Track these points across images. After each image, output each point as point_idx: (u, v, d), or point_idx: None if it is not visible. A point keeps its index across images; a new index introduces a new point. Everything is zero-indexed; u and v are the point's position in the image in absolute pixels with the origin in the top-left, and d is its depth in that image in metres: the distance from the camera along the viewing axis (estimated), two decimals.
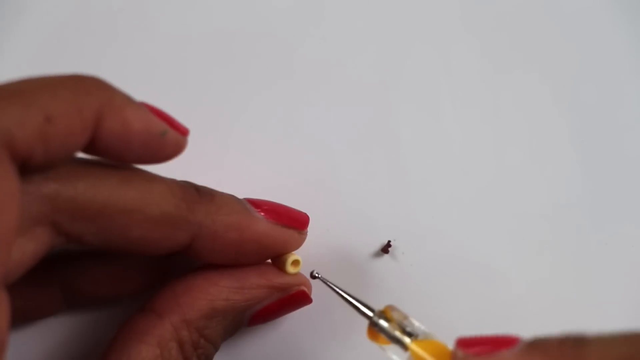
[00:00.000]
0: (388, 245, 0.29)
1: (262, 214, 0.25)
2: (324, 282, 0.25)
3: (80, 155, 0.22)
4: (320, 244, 0.27)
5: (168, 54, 0.30)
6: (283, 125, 0.30)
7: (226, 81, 0.30)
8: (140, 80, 0.29)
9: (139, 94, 0.22)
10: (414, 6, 0.31)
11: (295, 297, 0.26)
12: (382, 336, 0.23)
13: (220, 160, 0.28)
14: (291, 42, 0.31)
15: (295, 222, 0.25)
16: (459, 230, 0.29)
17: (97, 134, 0.20)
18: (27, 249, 0.20)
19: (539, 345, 0.20)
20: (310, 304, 0.27)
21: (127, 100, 0.21)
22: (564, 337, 0.19)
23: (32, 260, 0.20)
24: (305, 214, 0.26)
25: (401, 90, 0.31)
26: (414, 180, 0.30)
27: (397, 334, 0.23)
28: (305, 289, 0.26)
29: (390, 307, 0.24)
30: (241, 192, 0.25)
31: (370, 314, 0.23)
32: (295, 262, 0.26)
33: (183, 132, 0.23)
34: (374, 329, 0.23)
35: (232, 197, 0.25)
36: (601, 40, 0.32)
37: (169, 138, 0.22)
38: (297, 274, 0.26)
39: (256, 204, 0.25)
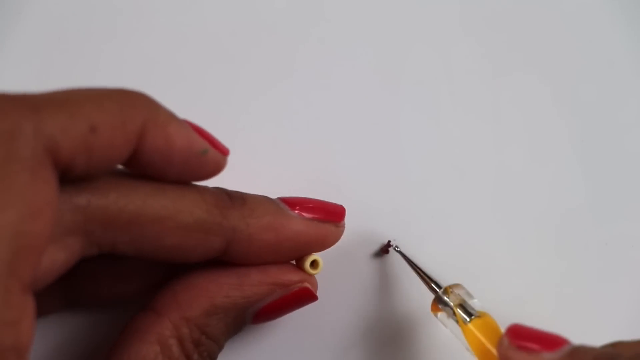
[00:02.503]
0: (388, 245, 0.29)
1: (297, 212, 0.24)
2: (401, 254, 0.28)
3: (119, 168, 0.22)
4: None
5: (168, 55, 0.30)
6: (283, 126, 0.30)
7: (225, 82, 0.30)
8: (140, 81, 0.29)
9: None
10: (414, 7, 0.31)
11: (299, 295, 0.25)
12: (444, 311, 0.26)
13: None
14: (291, 42, 0.31)
15: (331, 215, 0.25)
16: (458, 230, 0.29)
17: (140, 148, 0.20)
18: (57, 257, 0.20)
19: (577, 355, 0.20)
20: (317, 302, 0.26)
21: (171, 116, 0.21)
22: (601, 353, 0.20)
23: (62, 270, 0.20)
24: (341, 205, 0.26)
25: (401, 91, 0.31)
26: (414, 180, 0.30)
27: (458, 311, 0.25)
28: (309, 286, 0.25)
29: (457, 286, 0.26)
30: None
31: (437, 289, 0.26)
32: (315, 263, 0.25)
33: (223, 151, 0.23)
34: (438, 304, 0.26)
35: (264, 198, 0.24)
36: (601, 40, 0.32)
37: (209, 157, 0.22)
38: (313, 275, 0.25)
39: (290, 202, 0.25)
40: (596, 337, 0.28)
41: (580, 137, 0.31)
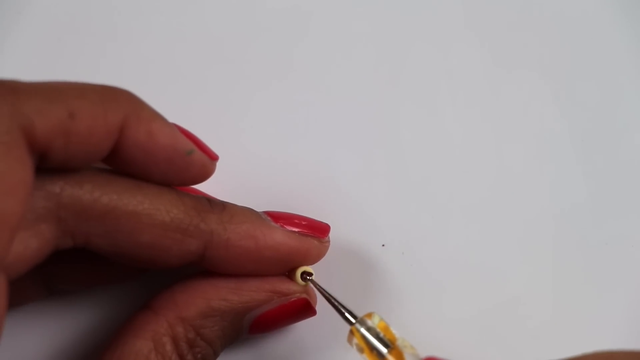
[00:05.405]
0: (302, 276, 0.26)
1: (280, 224, 0.24)
2: (312, 283, 0.25)
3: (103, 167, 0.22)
4: None
5: (168, 55, 0.30)
6: (282, 126, 0.30)
7: (225, 82, 0.30)
8: (140, 81, 0.29)
9: (139, 94, 0.22)
10: (415, 5, 0.31)
11: (297, 305, 0.25)
12: (361, 342, 0.23)
13: (218, 161, 0.28)
14: (290, 41, 0.31)
15: (314, 230, 0.25)
16: (459, 230, 0.29)
17: (122, 142, 0.21)
18: (30, 244, 0.20)
19: None
20: (318, 302, 0.26)
21: (155, 114, 0.21)
22: None
23: (36, 258, 0.20)
24: (326, 223, 0.26)
25: (401, 90, 0.31)
26: (414, 180, 0.30)
27: (375, 342, 0.23)
28: (308, 297, 0.25)
29: (372, 315, 0.24)
30: (238, 192, 0.25)
31: (352, 320, 0.24)
32: (306, 274, 0.25)
33: (211, 156, 0.23)
34: (354, 335, 0.24)
35: (245, 208, 0.24)
36: (601, 40, 0.32)
37: (195, 158, 0.22)
38: (306, 285, 0.25)
39: (274, 216, 0.25)
40: (596, 337, 0.29)
41: (580, 136, 0.31)
